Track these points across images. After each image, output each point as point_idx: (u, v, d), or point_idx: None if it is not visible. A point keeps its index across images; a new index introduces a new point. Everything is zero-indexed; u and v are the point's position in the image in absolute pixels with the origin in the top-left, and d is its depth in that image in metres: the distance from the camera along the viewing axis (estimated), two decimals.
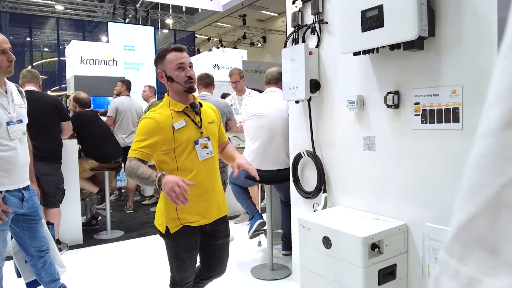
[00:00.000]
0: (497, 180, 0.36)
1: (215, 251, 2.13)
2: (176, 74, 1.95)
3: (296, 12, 2.77)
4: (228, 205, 2.25)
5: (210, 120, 2.08)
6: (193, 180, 1.86)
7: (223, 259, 2.17)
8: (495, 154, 0.36)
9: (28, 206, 2.37)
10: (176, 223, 1.96)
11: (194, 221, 1.98)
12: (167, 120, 1.92)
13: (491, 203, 0.36)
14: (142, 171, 1.81)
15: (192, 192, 1.80)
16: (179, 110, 1.97)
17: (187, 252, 2.01)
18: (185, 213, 1.95)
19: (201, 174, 1.96)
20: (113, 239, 4.40)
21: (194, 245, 2.03)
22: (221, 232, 2.14)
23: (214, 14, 16.22)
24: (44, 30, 15.38)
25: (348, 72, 2.46)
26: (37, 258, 2.47)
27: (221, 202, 2.12)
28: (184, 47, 2.02)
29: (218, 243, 2.13)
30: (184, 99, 2.01)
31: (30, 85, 3.68)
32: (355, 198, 2.48)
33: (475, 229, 0.37)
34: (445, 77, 1.93)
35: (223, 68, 8.73)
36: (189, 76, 1.95)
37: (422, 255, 2.07)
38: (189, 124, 1.97)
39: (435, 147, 2.00)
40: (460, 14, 1.85)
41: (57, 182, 3.78)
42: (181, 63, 1.95)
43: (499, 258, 0.35)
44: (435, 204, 2.01)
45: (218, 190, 2.10)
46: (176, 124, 1.92)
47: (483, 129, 0.38)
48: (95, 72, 8.15)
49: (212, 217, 2.05)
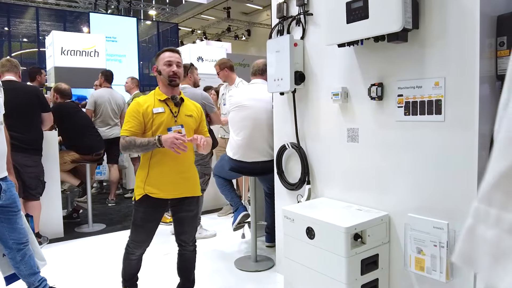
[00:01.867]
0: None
1: (178, 222, 2.50)
2: (163, 69, 2.38)
3: (281, 3, 2.76)
4: (212, 198, 2.31)
5: (189, 114, 2.42)
6: (161, 160, 2.30)
7: (186, 230, 2.50)
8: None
9: (6, 197, 2.31)
10: (140, 192, 2.33)
11: (154, 193, 2.32)
12: (149, 104, 2.33)
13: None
14: (140, 140, 2.24)
15: (160, 169, 2.30)
16: (161, 99, 2.36)
17: (142, 221, 2.36)
18: (149, 185, 2.31)
19: (170, 155, 2.26)
20: (94, 232, 4.34)
21: (150, 216, 2.37)
22: (184, 207, 2.44)
23: (198, 6, 16.08)
24: (23, 19, 14.96)
25: (333, 64, 2.47)
26: (16, 250, 2.42)
27: (188, 184, 2.42)
28: (177, 50, 2.46)
29: (181, 215, 2.46)
30: (168, 91, 2.39)
31: (10, 75, 3.58)
32: (339, 189, 2.50)
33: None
34: (429, 69, 1.95)
35: (207, 60, 8.67)
36: (174, 72, 2.36)
37: (404, 245, 2.10)
38: (166, 112, 2.34)
39: (418, 139, 2.02)
40: (444, 7, 1.87)
41: (38, 174, 3.70)
42: (169, 61, 2.37)
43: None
44: (417, 195, 2.04)
45: (186, 174, 2.41)
46: (155, 109, 2.32)
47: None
48: (76, 64, 7.99)
49: (172, 194, 2.37)
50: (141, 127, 2.29)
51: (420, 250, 1.98)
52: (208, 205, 4.94)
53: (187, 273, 2.60)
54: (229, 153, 3.28)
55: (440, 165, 1.93)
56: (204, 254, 3.60)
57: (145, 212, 2.35)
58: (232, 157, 3.24)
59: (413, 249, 2.03)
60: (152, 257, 3.30)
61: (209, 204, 4.94)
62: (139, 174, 2.37)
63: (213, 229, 4.15)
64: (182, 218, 2.47)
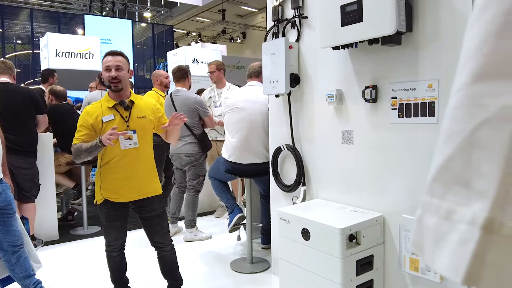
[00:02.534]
0: (468, 125, 0.42)
1: (145, 224, 2.52)
2: (104, 74, 2.37)
3: (276, 6, 2.78)
4: (207, 200, 2.29)
5: (141, 115, 2.41)
6: (115, 165, 2.33)
7: (155, 229, 2.51)
8: (466, 104, 0.42)
9: (1, 199, 2.31)
10: (99, 197, 2.39)
11: (112, 197, 2.38)
12: (97, 112, 2.34)
13: (464, 145, 0.42)
14: (86, 145, 2.27)
15: (114, 174, 2.35)
16: (110, 106, 2.35)
17: (107, 222, 2.43)
18: (106, 190, 2.37)
19: (123, 160, 2.34)
20: (89, 234, 4.32)
21: (114, 217, 2.42)
22: (145, 208, 2.47)
23: (193, 8, 16.08)
24: (17, 21, 14.89)
25: (328, 67, 2.49)
26: (11, 253, 2.41)
27: (144, 186, 2.44)
28: (119, 52, 2.42)
29: (145, 216, 2.49)
30: (116, 97, 2.38)
31: (4, 77, 3.57)
32: (334, 190, 2.51)
33: (452, 169, 0.43)
34: (422, 71, 1.97)
35: (202, 63, 8.68)
36: (112, 77, 2.32)
37: (399, 245, 2.12)
38: (117, 118, 2.34)
39: (412, 141, 2.04)
40: (437, 10, 1.89)
41: (32, 176, 3.68)
42: (107, 66, 2.34)
43: (472, 189, 0.41)
44: (411, 196, 2.06)
45: (142, 176, 2.42)
46: (105, 118, 2.33)
47: (456, 85, 0.44)
48: (71, 66, 7.97)
49: (130, 197, 2.40)
50: (92, 135, 2.32)
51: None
52: (204, 207, 4.95)
53: (172, 274, 2.64)
54: (224, 155, 3.29)
55: None
56: (200, 256, 3.61)
57: (108, 213, 2.42)
58: (227, 159, 3.25)
59: (407, 250, 2.05)
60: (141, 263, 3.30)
61: (205, 206, 4.94)
62: (96, 179, 2.42)
63: (208, 231, 4.16)
64: (146, 219, 2.49)
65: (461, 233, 0.41)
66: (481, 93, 0.41)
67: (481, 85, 0.41)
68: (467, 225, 0.40)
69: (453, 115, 0.45)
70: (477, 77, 0.41)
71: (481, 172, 0.40)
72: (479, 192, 0.40)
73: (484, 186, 0.40)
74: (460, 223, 0.41)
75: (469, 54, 0.42)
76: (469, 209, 0.41)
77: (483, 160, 0.40)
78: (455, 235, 0.42)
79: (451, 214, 0.43)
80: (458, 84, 0.44)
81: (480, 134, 0.40)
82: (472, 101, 0.42)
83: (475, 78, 0.41)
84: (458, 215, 0.42)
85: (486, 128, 0.40)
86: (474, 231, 0.40)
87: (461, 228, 0.41)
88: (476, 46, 0.41)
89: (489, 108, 0.40)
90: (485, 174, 0.40)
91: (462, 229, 0.41)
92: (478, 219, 0.39)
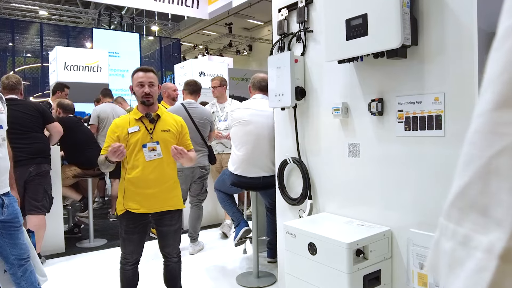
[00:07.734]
0: (486, 153, 0.41)
1: (161, 235, 2.61)
2: (136, 90, 2.50)
3: (282, 20, 2.80)
4: (213, 212, 2.31)
5: (166, 129, 2.53)
6: (139, 176, 2.42)
7: (168, 243, 2.62)
8: (485, 130, 0.42)
9: (8, 212, 2.32)
10: (121, 207, 2.46)
11: (134, 208, 2.44)
12: (124, 124, 2.48)
13: (481, 172, 0.42)
14: (99, 159, 2.46)
15: (137, 185, 2.43)
16: (136, 118, 2.49)
17: (126, 234, 2.50)
18: (129, 201, 2.44)
19: (146, 171, 2.44)
20: (96, 247, 4.32)
21: (132, 229, 2.49)
22: (165, 222, 2.55)
23: (200, 21, 16.25)
24: (27, 35, 15.16)
25: (333, 80, 2.49)
26: (17, 266, 2.41)
27: (167, 198, 2.53)
28: (150, 68, 2.56)
29: (163, 229, 2.58)
30: (143, 109, 2.51)
31: (11, 93, 3.60)
32: (340, 204, 2.49)
33: (469, 195, 0.43)
34: (428, 85, 1.97)
35: (209, 75, 8.73)
36: (146, 93, 2.46)
37: (406, 260, 2.09)
38: (142, 130, 2.47)
39: (418, 154, 2.03)
40: (442, 23, 1.89)
41: (45, 185, 3.68)
42: (141, 82, 2.48)
43: (489, 217, 0.41)
44: (419, 210, 2.04)
45: (165, 187, 2.51)
46: (131, 129, 2.46)
47: (478, 110, 0.44)
48: (79, 79, 8.06)
49: (152, 208, 2.49)
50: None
51: (422, 266, 1.97)
52: (211, 220, 4.93)
53: (173, 282, 2.73)
54: (231, 168, 3.29)
55: (441, 180, 1.93)
56: (206, 270, 3.58)
57: (127, 225, 2.49)
58: (233, 172, 3.25)
59: (415, 265, 2.01)
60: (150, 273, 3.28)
61: (212, 218, 4.93)
62: (120, 189, 2.51)
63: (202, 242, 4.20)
64: (164, 232, 2.59)
65: (478, 260, 0.41)
66: (501, 121, 0.41)
67: (501, 112, 0.41)
68: (484, 253, 0.40)
69: (473, 140, 0.44)
70: (497, 105, 0.41)
71: (498, 200, 0.40)
72: (497, 220, 0.40)
73: (502, 214, 0.39)
74: (476, 250, 0.41)
75: (490, 80, 0.43)
76: (486, 237, 0.40)
77: (501, 188, 0.40)
78: (471, 262, 0.41)
79: (468, 241, 0.42)
80: (479, 109, 0.44)
81: (499, 162, 0.40)
82: (491, 128, 0.41)
83: (494, 105, 0.41)
84: (475, 242, 0.41)
85: (505, 156, 0.40)
86: (490, 259, 0.39)
87: (478, 256, 0.41)
88: (497, 72, 0.42)
89: (508, 137, 0.40)
90: (502, 202, 0.40)
91: (478, 256, 0.41)
92: (495, 248, 0.39)
